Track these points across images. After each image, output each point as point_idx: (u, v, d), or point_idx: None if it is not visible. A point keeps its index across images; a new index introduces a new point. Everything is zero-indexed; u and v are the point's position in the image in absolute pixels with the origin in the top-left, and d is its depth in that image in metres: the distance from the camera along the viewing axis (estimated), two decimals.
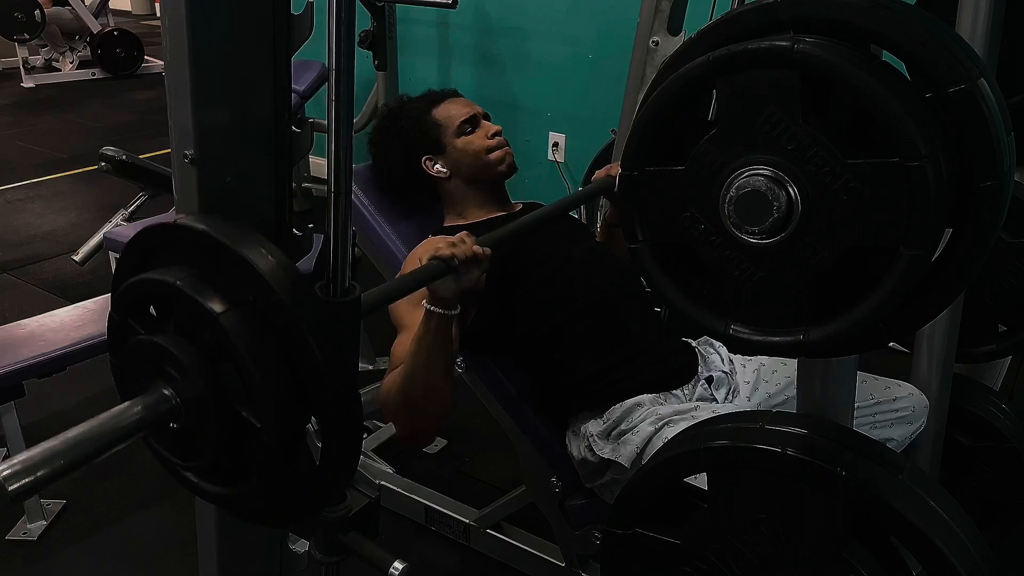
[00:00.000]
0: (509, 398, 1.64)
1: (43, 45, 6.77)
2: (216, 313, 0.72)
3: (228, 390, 0.75)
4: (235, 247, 0.73)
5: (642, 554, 1.03)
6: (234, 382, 0.74)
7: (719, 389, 1.58)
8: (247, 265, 0.72)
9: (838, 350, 0.85)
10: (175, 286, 0.75)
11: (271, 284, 0.71)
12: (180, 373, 0.76)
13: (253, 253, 0.72)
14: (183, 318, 0.77)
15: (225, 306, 0.73)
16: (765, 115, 0.72)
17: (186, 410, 0.77)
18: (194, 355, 0.76)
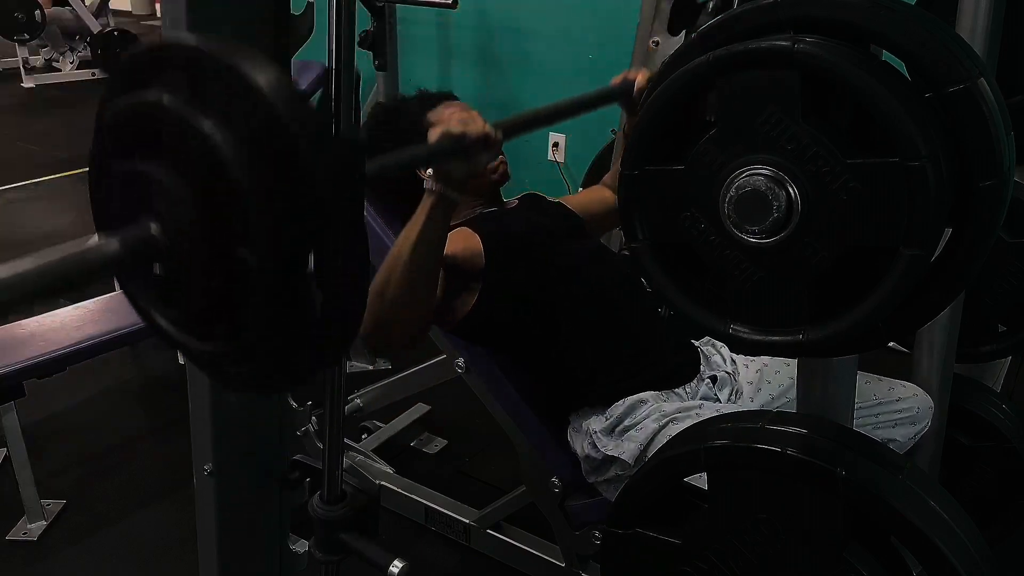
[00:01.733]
0: (509, 398, 1.64)
1: (43, 45, 6.77)
2: (207, 132, 0.64)
3: (221, 224, 0.66)
4: (227, 60, 0.64)
5: (642, 554, 1.03)
6: (228, 215, 0.65)
7: (723, 389, 1.58)
8: (242, 80, 0.63)
9: (838, 350, 0.85)
10: (161, 104, 0.66)
11: (269, 99, 0.63)
12: (167, 205, 0.67)
13: (248, 67, 0.63)
14: (171, 144, 0.68)
15: (217, 123, 0.64)
16: (765, 115, 0.72)
17: (172, 247, 0.68)
18: (183, 184, 0.66)
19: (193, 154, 0.66)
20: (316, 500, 1.12)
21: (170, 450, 2.29)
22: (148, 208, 0.68)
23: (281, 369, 0.73)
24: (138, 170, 0.69)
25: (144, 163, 0.69)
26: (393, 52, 3.45)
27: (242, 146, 0.64)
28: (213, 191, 0.66)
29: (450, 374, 1.77)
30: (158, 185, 0.68)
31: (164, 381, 2.68)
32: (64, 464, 2.24)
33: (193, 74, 0.66)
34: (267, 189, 0.64)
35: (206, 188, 0.66)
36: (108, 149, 0.73)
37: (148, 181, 0.68)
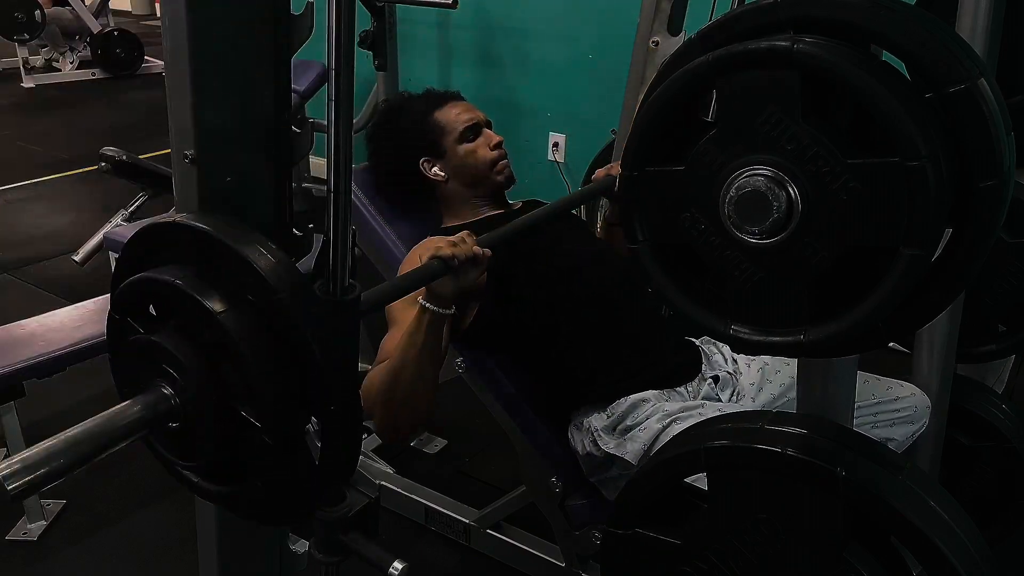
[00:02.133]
0: (509, 398, 1.64)
1: (43, 45, 6.77)
2: (216, 312, 0.72)
3: (228, 389, 0.75)
4: (235, 246, 0.73)
5: (642, 554, 1.02)
6: (234, 381, 0.74)
7: (724, 390, 1.58)
8: (247, 264, 0.72)
9: (838, 350, 0.85)
10: (175, 285, 0.75)
11: (271, 283, 0.71)
12: (179, 372, 0.76)
13: (253, 252, 0.72)
14: (183, 317, 0.77)
15: (225, 305, 0.73)
16: (765, 115, 0.72)
17: (185, 409, 0.77)
18: (193, 354, 0.75)
19: (202, 329, 0.74)
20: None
21: None
22: (162, 373, 0.78)
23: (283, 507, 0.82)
24: (152, 342, 0.78)
25: (157, 335, 0.78)
26: (393, 52, 3.45)
27: (246, 324, 0.72)
28: (219, 360, 0.74)
29: (450, 374, 1.77)
30: (170, 355, 0.76)
31: None
32: None
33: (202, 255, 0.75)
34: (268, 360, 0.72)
35: (213, 357, 0.75)
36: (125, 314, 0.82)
37: (161, 351, 0.77)
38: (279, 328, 0.72)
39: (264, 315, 0.72)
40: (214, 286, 0.74)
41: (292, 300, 0.71)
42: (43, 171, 4.61)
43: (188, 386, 0.76)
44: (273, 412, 0.73)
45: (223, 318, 0.72)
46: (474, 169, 1.67)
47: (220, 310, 0.72)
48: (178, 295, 0.75)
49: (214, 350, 0.75)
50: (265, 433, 0.73)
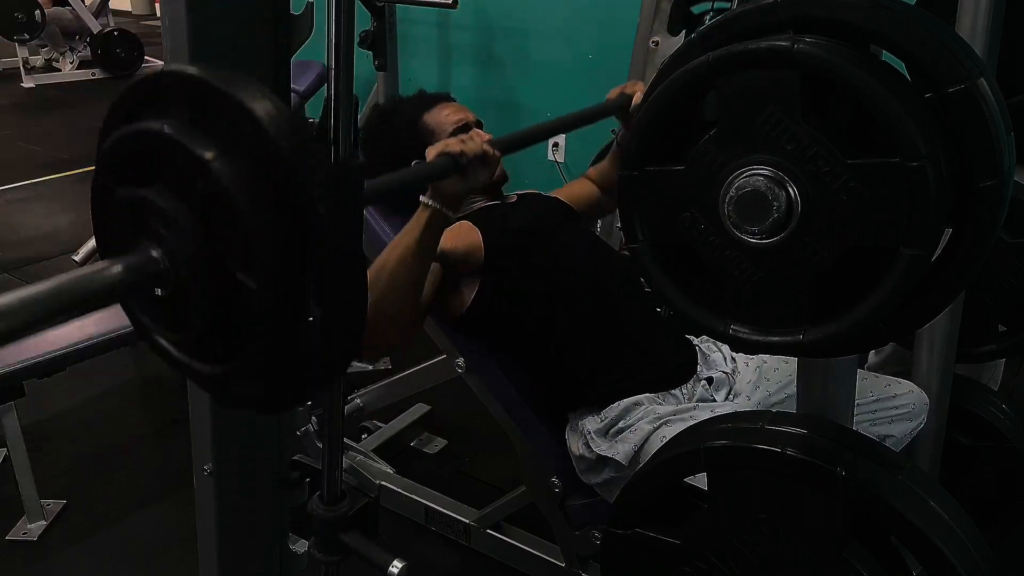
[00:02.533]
0: (509, 398, 1.64)
1: (43, 45, 6.78)
2: (208, 159, 0.64)
3: (223, 248, 0.67)
4: (229, 90, 0.65)
5: (642, 554, 1.03)
6: (228, 240, 0.66)
7: (719, 390, 1.58)
8: (243, 109, 0.64)
9: (838, 350, 0.85)
10: (162, 133, 0.66)
11: (269, 131, 0.64)
12: (169, 230, 0.68)
13: (250, 97, 0.65)
14: (172, 171, 0.68)
15: (218, 152, 0.65)
16: (765, 115, 0.72)
17: (175, 273, 0.68)
18: (185, 209, 0.67)
19: (194, 182, 0.66)
20: (316, 500, 1.12)
21: (170, 450, 2.29)
22: (150, 233, 0.69)
23: (282, 388, 0.74)
24: (140, 197, 0.70)
25: (145, 190, 0.69)
26: (393, 52, 3.45)
27: (242, 174, 0.65)
28: (213, 217, 0.67)
29: (450, 374, 1.77)
30: (159, 211, 0.68)
31: (164, 381, 2.68)
32: (64, 464, 2.24)
33: (194, 103, 0.67)
34: (266, 215, 0.65)
35: (207, 214, 0.67)
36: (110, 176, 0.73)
37: (150, 207, 0.69)
38: (277, 181, 0.65)
39: (262, 166, 0.65)
40: (207, 134, 0.66)
41: (292, 151, 0.64)
42: (43, 171, 4.62)
43: (179, 247, 0.68)
44: (271, 272, 0.65)
45: (216, 166, 0.64)
46: None
47: (212, 157, 0.65)
48: (167, 145, 0.67)
49: (207, 204, 0.67)
50: (262, 295, 0.66)
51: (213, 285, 0.68)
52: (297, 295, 0.68)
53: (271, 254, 0.65)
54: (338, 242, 0.68)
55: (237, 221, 0.65)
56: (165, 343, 0.76)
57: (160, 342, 0.76)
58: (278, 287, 0.66)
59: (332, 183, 0.68)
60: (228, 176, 0.64)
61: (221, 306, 0.69)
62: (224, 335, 0.71)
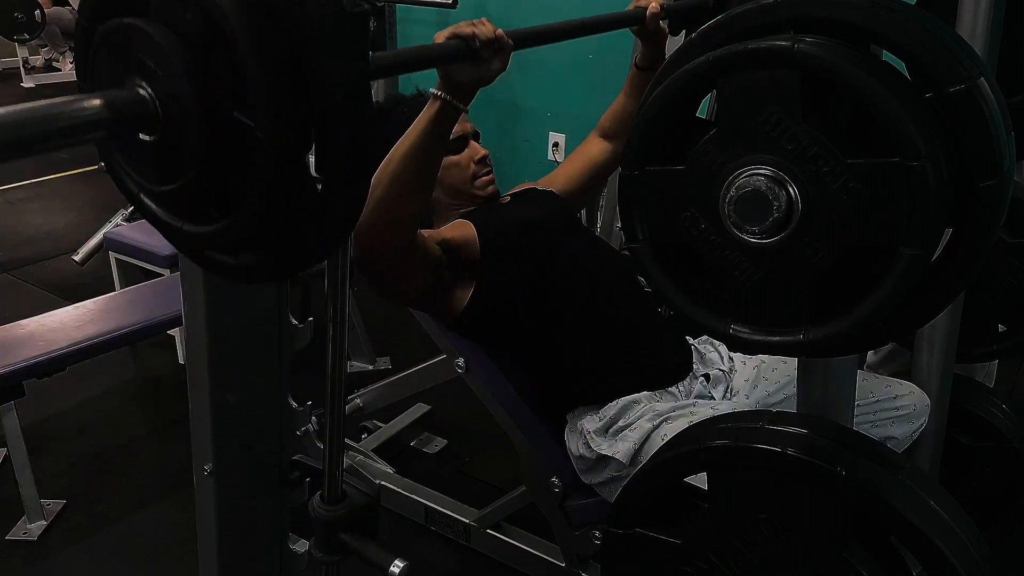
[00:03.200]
0: (509, 398, 1.64)
1: (43, 45, 6.78)
2: None
3: (216, 85, 0.60)
4: None
5: (642, 554, 1.03)
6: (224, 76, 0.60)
7: (716, 387, 1.58)
8: None
9: (838, 350, 0.85)
10: None
11: None
12: (159, 64, 0.61)
13: None
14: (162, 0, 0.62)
15: None
16: (765, 115, 0.72)
17: (165, 113, 0.61)
18: (175, 40, 0.60)
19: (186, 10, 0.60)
20: (316, 500, 1.12)
21: (170, 450, 2.29)
22: (137, 69, 0.62)
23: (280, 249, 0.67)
24: (127, 26, 0.62)
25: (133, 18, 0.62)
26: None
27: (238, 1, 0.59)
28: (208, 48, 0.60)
29: (450, 374, 1.77)
30: (148, 43, 0.61)
31: (164, 381, 2.68)
32: (64, 464, 2.24)
33: None
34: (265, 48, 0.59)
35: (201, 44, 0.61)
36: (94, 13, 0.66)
37: (138, 39, 0.61)
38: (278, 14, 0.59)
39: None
40: None
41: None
42: (43, 171, 4.62)
43: (170, 83, 0.60)
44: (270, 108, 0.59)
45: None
46: (455, 181, 1.65)
47: None
48: None
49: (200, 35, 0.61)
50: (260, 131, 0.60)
51: (208, 126, 0.61)
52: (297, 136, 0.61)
53: (270, 88, 0.59)
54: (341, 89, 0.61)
55: (233, 52, 0.59)
56: (151, 202, 0.68)
57: (145, 201, 0.68)
58: (278, 124, 0.60)
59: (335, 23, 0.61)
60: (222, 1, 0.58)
61: (216, 150, 0.62)
62: (218, 191, 0.64)
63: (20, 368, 1.89)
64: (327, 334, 1.09)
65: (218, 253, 0.69)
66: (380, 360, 2.77)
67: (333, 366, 1.10)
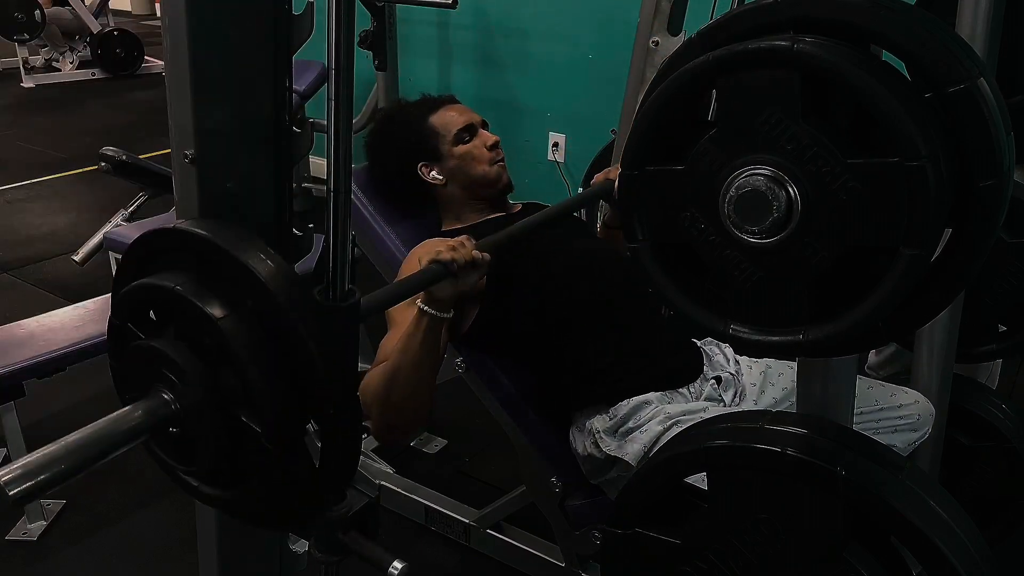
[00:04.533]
0: (509, 398, 1.64)
1: (43, 45, 6.77)
2: (216, 318, 0.73)
3: (227, 395, 0.75)
4: (234, 252, 0.73)
5: (642, 554, 1.02)
6: (233, 386, 0.74)
7: (727, 391, 1.58)
8: (246, 270, 0.73)
9: (838, 350, 0.85)
10: (174, 291, 0.75)
11: (270, 289, 0.72)
12: (179, 378, 0.76)
13: (252, 258, 0.73)
14: (182, 323, 0.77)
15: (224, 311, 0.73)
16: (765, 115, 0.72)
17: (185, 415, 0.78)
18: (193, 360, 0.76)
19: (202, 335, 0.74)
20: None
21: None
22: (162, 378, 0.78)
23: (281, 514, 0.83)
24: (152, 347, 0.78)
25: (157, 341, 0.78)
26: (393, 52, 3.46)
27: (246, 330, 0.73)
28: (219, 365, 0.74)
29: (450, 374, 1.77)
30: (170, 361, 0.77)
31: None
32: None
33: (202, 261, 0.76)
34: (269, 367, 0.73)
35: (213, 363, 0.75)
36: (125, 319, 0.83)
37: (161, 357, 0.77)
38: (278, 333, 0.73)
39: (264, 321, 0.73)
40: (214, 292, 0.74)
41: (291, 306, 0.72)
42: (43, 171, 4.61)
43: (188, 392, 0.77)
44: (273, 418, 0.73)
45: (223, 324, 0.73)
46: (470, 168, 1.67)
47: (220, 316, 0.73)
48: (178, 301, 0.75)
49: (214, 355, 0.75)
50: (265, 438, 0.73)
51: (219, 425, 0.76)
52: (296, 433, 0.76)
53: (272, 400, 0.73)
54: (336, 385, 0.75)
55: (241, 371, 0.73)
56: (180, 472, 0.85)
57: (175, 469, 0.85)
58: (279, 430, 0.74)
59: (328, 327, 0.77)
60: (234, 333, 0.73)
61: (227, 444, 0.77)
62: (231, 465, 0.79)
63: (20, 368, 1.88)
64: None
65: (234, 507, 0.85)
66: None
67: None
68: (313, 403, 0.75)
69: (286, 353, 0.73)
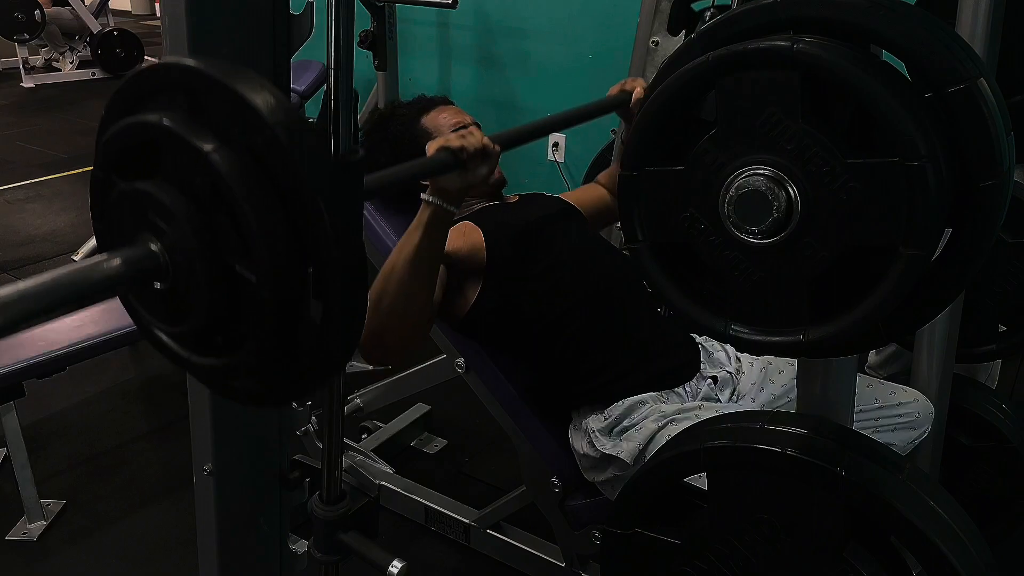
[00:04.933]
0: (509, 398, 1.64)
1: (43, 45, 6.78)
2: (206, 151, 0.64)
3: (221, 242, 0.67)
4: (226, 81, 0.65)
5: (642, 554, 1.03)
6: (227, 232, 0.66)
7: (724, 390, 1.58)
8: (241, 100, 0.64)
9: (838, 350, 0.85)
10: (160, 125, 0.67)
11: (267, 121, 0.64)
12: (167, 223, 0.67)
13: (247, 88, 0.64)
14: (171, 165, 0.68)
15: (216, 143, 0.65)
16: (765, 115, 0.72)
17: (174, 266, 0.68)
18: (183, 201, 0.67)
19: (193, 174, 0.67)
20: (316, 500, 1.12)
21: (170, 450, 2.29)
22: (149, 227, 0.69)
23: (281, 383, 0.74)
24: (139, 190, 0.69)
25: (144, 183, 0.69)
26: (393, 52, 3.46)
27: (240, 166, 0.65)
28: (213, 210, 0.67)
29: (450, 374, 1.77)
30: (158, 205, 0.68)
31: (164, 381, 2.68)
32: (64, 464, 2.24)
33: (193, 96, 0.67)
34: (265, 207, 0.65)
35: (206, 207, 0.67)
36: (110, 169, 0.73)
37: (149, 201, 0.69)
38: (276, 173, 0.65)
39: (261, 158, 0.65)
40: (205, 126, 0.66)
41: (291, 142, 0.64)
42: (43, 171, 4.61)
43: (177, 239, 0.67)
44: (270, 264, 0.65)
45: (214, 156, 0.64)
46: None
47: (211, 148, 0.65)
48: (166, 136, 0.67)
49: (206, 198, 0.67)
50: (262, 288, 0.66)
51: (213, 278, 0.68)
52: (297, 288, 0.68)
53: (270, 247, 0.65)
54: (338, 235, 0.67)
55: (236, 213, 0.65)
56: (165, 337, 0.75)
57: (160, 336, 0.76)
58: (277, 280, 0.66)
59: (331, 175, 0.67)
60: (227, 168, 0.64)
61: (221, 299, 0.69)
62: (224, 328, 0.71)
63: (20, 368, 1.88)
64: None
65: (226, 380, 0.75)
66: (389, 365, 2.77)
67: None
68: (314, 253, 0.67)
69: (284, 195, 0.65)
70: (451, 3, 3.07)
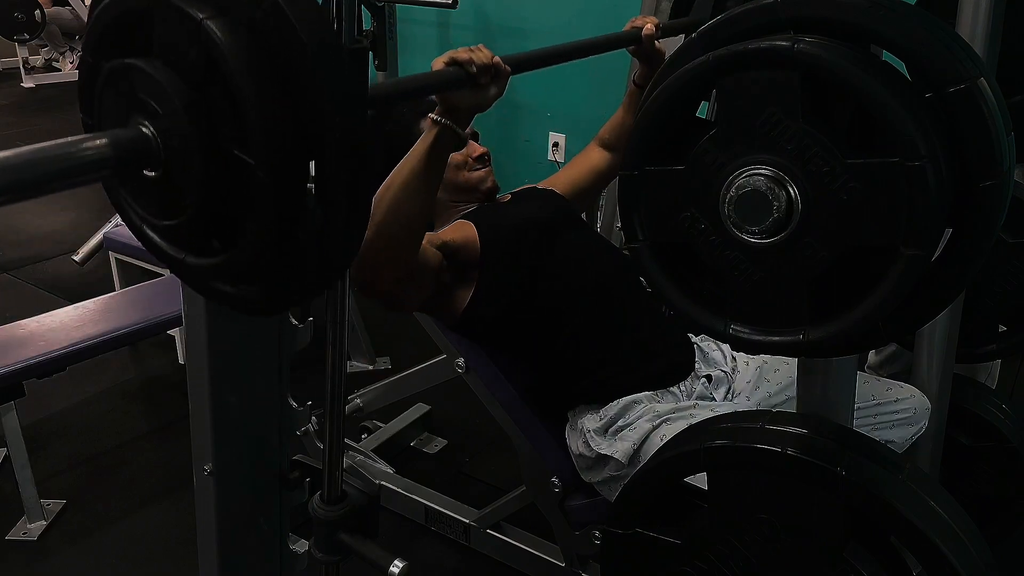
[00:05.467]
0: (509, 398, 1.64)
1: (43, 45, 6.78)
2: (201, 18, 0.59)
3: (217, 124, 0.62)
4: None
5: (642, 554, 1.03)
6: (224, 114, 0.61)
7: (718, 388, 1.58)
8: None
9: (838, 350, 0.85)
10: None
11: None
12: (160, 103, 0.62)
13: None
14: (164, 38, 0.63)
15: (212, 11, 0.60)
16: (765, 115, 0.72)
17: (167, 150, 0.63)
18: (176, 79, 0.61)
19: (187, 49, 0.61)
20: (316, 500, 1.12)
21: (170, 450, 2.29)
22: (140, 108, 0.63)
23: (278, 284, 0.69)
24: (130, 66, 0.63)
25: (136, 59, 0.63)
26: (393, 52, 3.45)
27: (238, 38, 0.60)
28: (208, 90, 0.62)
29: (450, 374, 1.77)
30: (151, 83, 0.62)
31: (164, 381, 2.68)
32: (64, 464, 2.24)
33: None
34: (265, 84, 0.60)
35: (201, 86, 0.62)
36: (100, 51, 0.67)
37: (140, 79, 0.63)
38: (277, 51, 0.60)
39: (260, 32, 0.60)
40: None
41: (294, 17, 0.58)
42: None
43: (171, 121, 0.62)
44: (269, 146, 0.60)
45: (209, 25, 0.59)
46: (455, 176, 1.65)
47: (206, 16, 0.59)
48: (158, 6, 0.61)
49: (201, 72, 0.61)
50: (260, 170, 0.61)
51: (208, 163, 0.62)
52: (296, 176, 0.62)
53: (268, 126, 0.60)
54: (341, 123, 0.61)
55: (232, 89, 0.60)
56: (156, 236, 0.70)
57: (151, 235, 0.70)
58: (276, 162, 0.61)
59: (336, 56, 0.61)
60: (223, 39, 0.59)
61: (217, 187, 0.63)
62: (219, 225, 0.65)
63: (20, 368, 1.88)
64: (327, 334, 1.09)
65: (221, 284, 0.70)
66: (380, 360, 2.77)
67: (333, 366, 1.10)
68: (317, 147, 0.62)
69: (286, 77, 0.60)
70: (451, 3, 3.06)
